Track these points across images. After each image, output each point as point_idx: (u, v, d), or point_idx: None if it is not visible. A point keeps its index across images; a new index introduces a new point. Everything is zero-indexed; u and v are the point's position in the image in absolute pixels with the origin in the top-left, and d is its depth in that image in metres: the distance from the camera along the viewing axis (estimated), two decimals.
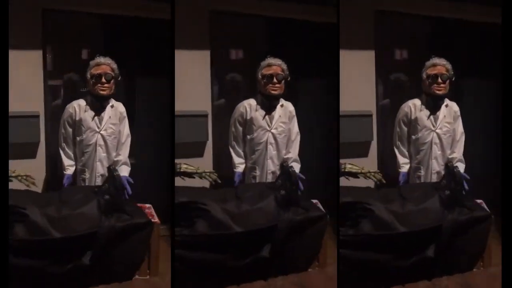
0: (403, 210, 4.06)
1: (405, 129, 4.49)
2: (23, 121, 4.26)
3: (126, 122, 4.33)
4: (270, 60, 4.39)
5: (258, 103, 4.43)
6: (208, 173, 4.39)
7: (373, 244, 3.96)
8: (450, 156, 4.42)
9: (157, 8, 4.34)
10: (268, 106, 4.41)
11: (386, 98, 4.82)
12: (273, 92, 4.36)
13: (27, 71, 4.25)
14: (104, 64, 4.22)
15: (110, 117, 4.27)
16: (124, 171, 4.28)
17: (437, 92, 4.35)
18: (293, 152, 4.46)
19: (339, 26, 4.31)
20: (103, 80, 4.19)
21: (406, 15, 4.80)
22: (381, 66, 4.71)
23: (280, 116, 4.42)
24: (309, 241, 4.13)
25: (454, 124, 4.45)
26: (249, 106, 4.42)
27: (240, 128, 4.45)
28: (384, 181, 4.44)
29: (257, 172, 4.47)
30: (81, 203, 3.91)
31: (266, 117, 4.40)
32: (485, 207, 4.21)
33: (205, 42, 4.55)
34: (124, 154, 4.34)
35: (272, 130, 4.41)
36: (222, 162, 4.58)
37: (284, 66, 4.37)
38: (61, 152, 4.27)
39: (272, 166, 4.43)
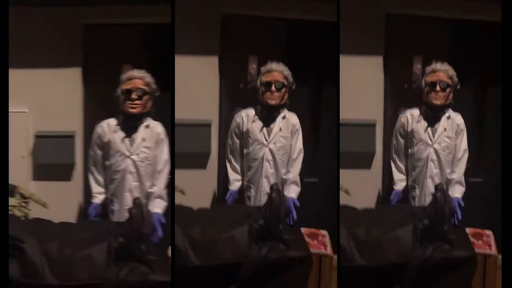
0: (365, 236, 3.50)
1: (402, 141, 4.17)
2: (194, 130, 4.21)
3: (298, 137, 4.02)
4: (271, 66, 4.04)
5: (256, 114, 4.08)
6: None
7: None
8: (449, 177, 4.01)
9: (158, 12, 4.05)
10: (267, 117, 4.03)
11: (398, 107, 4.39)
12: (270, 101, 4.00)
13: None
14: (137, 78, 3.88)
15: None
16: (292, 191, 3.89)
17: (434, 101, 4.00)
18: (293, 173, 4.01)
19: (339, 28, 4.03)
20: (134, 96, 3.83)
21: (419, 17, 4.39)
22: (391, 72, 4.40)
23: (280, 129, 4.04)
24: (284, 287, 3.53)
25: (456, 139, 4.05)
26: (246, 117, 4.08)
27: (237, 141, 4.12)
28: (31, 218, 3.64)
29: (252, 192, 4.09)
30: (231, 226, 3.49)
31: (264, 129, 4.05)
32: (491, 243, 3.67)
33: (214, 47, 4.28)
34: (294, 171, 4.01)
35: (270, 145, 4.03)
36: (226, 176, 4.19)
37: (287, 73, 4.02)
38: (228, 164, 4.11)
39: (267, 187, 3.96)
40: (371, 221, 3.60)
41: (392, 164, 4.18)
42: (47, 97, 4.28)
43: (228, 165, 4.14)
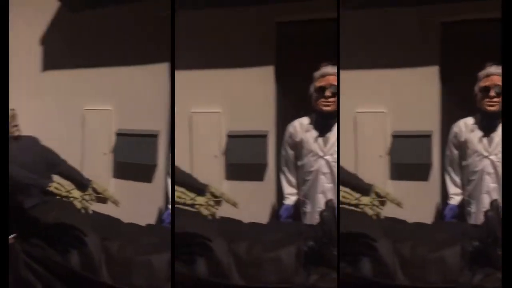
0: (411, 254, 3.20)
1: (456, 152, 3.81)
2: (250, 141, 4.16)
3: None
4: (326, 70, 3.73)
5: (311, 122, 3.81)
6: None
7: None
8: None
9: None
10: (323, 126, 3.74)
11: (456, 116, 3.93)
12: (324, 108, 3.71)
13: None
14: (332, 75, 3.73)
15: None
16: None
17: (489, 108, 3.62)
18: None
19: (338, 28, 3.69)
20: (328, 93, 3.73)
21: (475, 21, 3.95)
22: (447, 81, 4.00)
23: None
24: None
25: None
26: (300, 126, 3.82)
27: (291, 152, 3.87)
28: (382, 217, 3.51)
29: (308, 208, 3.77)
30: (277, 245, 3.28)
31: (319, 139, 3.75)
32: None
33: (270, 56, 4.11)
34: None
35: (326, 157, 3.73)
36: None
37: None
38: (282, 177, 3.94)
39: (323, 203, 3.63)
40: (418, 237, 3.35)
41: (447, 177, 3.85)
42: (240, 97, 4.23)
43: (282, 177, 3.91)
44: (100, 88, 4.11)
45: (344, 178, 3.69)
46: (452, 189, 3.84)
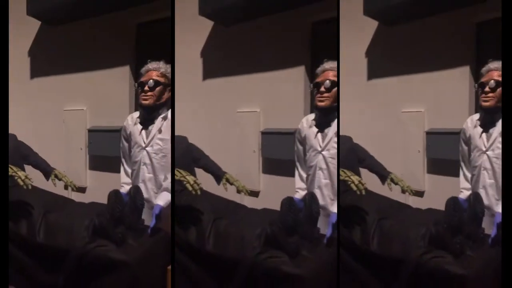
0: (388, 228, 3.66)
1: (466, 148, 3.83)
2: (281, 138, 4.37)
3: None
4: (326, 65, 3.80)
5: (315, 118, 3.85)
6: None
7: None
8: None
9: None
10: (322, 121, 3.79)
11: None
12: (319, 103, 3.76)
13: None
14: (330, 70, 3.83)
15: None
16: (331, 206, 3.79)
17: (483, 103, 3.62)
18: None
19: (338, 27, 3.75)
20: (322, 89, 3.81)
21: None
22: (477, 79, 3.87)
23: (336, 134, 3.73)
24: None
25: None
26: (306, 122, 3.91)
27: (301, 147, 3.96)
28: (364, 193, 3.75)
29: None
30: (250, 226, 3.90)
31: (318, 135, 3.82)
32: None
33: (302, 56, 4.16)
34: None
35: (324, 152, 3.79)
36: None
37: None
38: (296, 172, 4.15)
39: (321, 199, 3.75)
40: (398, 216, 3.80)
41: (460, 172, 3.87)
42: (275, 97, 4.55)
43: (296, 172, 4.00)
44: (76, 91, 4.71)
45: (367, 162, 4.11)
46: (463, 184, 3.91)
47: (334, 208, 3.76)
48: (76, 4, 4.49)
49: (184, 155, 4.23)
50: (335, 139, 3.82)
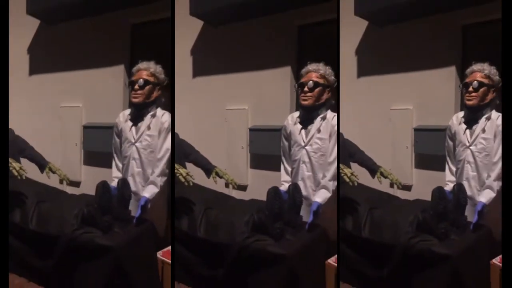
0: (379, 217, 3.96)
1: (451, 143, 4.08)
2: (269, 134, 4.58)
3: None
4: (310, 67, 4.05)
5: (299, 116, 4.11)
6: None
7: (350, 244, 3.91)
8: (486, 180, 3.80)
9: None
10: (306, 119, 4.05)
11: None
12: (302, 102, 4.01)
13: None
14: (313, 72, 4.05)
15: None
16: (319, 196, 3.99)
17: (467, 102, 3.91)
18: (327, 177, 3.97)
19: (338, 26, 3.93)
20: (305, 89, 4.01)
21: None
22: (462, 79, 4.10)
23: (318, 130, 4.00)
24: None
25: (494, 141, 3.81)
26: (291, 119, 4.15)
27: (286, 143, 4.20)
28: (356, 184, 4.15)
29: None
30: (238, 214, 4.20)
31: (302, 131, 4.07)
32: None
33: (289, 58, 4.40)
34: (328, 175, 4.06)
35: (307, 147, 4.05)
36: None
37: (325, 71, 4.00)
38: (282, 166, 4.31)
39: (304, 190, 4.03)
40: (387, 205, 4.14)
41: (446, 166, 4.13)
42: (263, 96, 4.76)
43: (282, 166, 4.22)
44: (72, 88, 4.88)
45: (357, 157, 4.43)
46: (448, 177, 4.16)
47: (316, 198, 3.99)
48: (74, 5, 4.65)
49: (176, 150, 4.39)
50: (317, 135, 4.05)
